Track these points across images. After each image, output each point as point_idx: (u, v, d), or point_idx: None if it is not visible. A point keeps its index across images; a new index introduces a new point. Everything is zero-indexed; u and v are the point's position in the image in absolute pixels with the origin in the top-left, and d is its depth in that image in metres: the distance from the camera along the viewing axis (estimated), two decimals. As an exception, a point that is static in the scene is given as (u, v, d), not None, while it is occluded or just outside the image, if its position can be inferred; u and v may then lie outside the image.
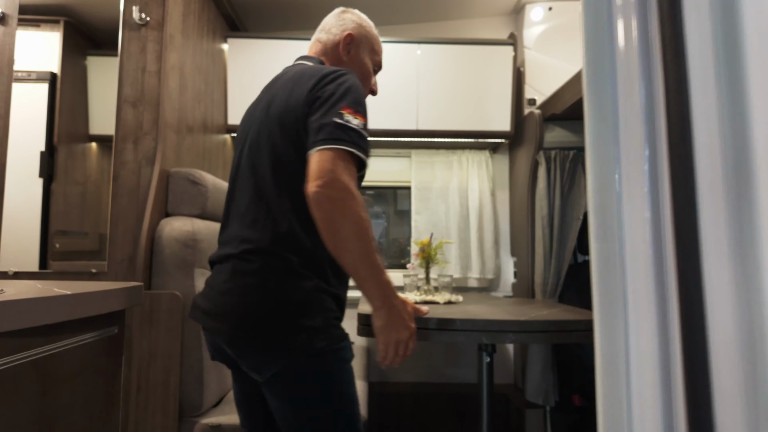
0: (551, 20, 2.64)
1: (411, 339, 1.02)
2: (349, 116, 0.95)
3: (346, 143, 0.92)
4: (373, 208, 2.91)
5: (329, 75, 1.02)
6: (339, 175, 0.90)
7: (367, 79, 1.20)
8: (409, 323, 1.02)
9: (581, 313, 1.61)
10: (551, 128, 2.28)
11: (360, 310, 1.58)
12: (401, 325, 1.00)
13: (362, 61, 1.19)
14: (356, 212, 0.91)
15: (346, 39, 1.18)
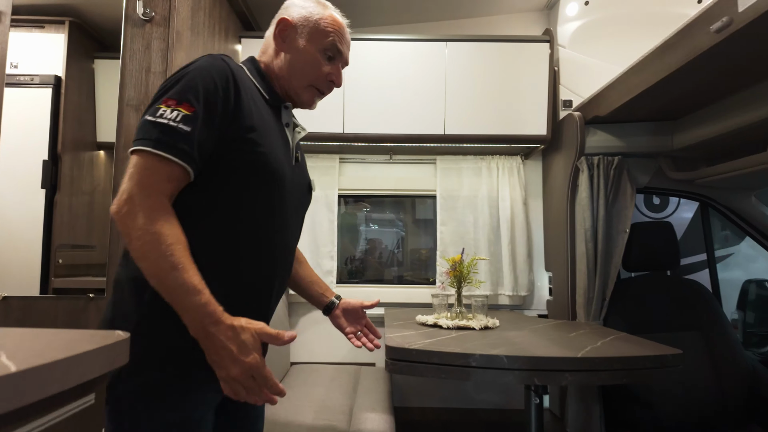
0: (588, 15, 2.43)
1: (250, 374, 0.78)
2: (165, 109, 0.80)
3: (143, 142, 0.78)
4: (385, 215, 2.73)
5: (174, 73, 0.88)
6: (126, 183, 0.77)
7: (312, 68, 1.00)
8: (239, 356, 0.76)
9: (645, 345, 1.41)
10: (593, 132, 2.08)
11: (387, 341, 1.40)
12: (226, 359, 0.76)
13: (302, 48, 0.99)
14: (138, 227, 0.75)
15: (278, 26, 1.01)
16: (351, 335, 1.25)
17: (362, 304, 1.26)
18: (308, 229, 2.42)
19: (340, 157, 2.48)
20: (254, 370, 0.77)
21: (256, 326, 0.79)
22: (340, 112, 2.19)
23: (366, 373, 2.25)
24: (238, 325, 0.77)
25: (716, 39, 1.20)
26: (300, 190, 1.04)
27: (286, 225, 0.97)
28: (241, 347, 0.76)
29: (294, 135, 1.04)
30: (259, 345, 0.79)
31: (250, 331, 0.78)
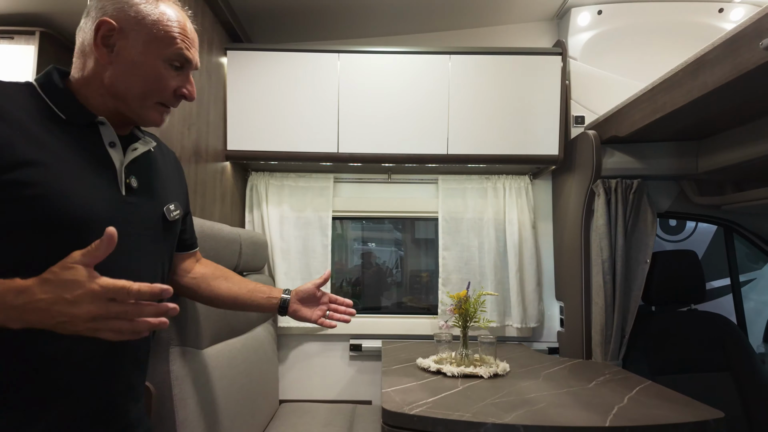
0: (600, 26, 2.27)
1: (104, 300, 0.63)
2: None
3: None
4: (383, 235, 2.55)
5: None
6: None
7: (155, 84, 0.81)
8: (74, 294, 0.62)
9: (679, 405, 1.22)
10: (610, 152, 1.91)
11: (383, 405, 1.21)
12: (66, 310, 0.62)
13: (137, 60, 0.78)
14: None
15: (97, 30, 0.77)
16: (321, 320, 1.15)
17: (314, 284, 1.16)
18: (300, 254, 2.24)
19: (334, 177, 2.31)
20: (103, 292, 0.62)
21: (66, 259, 0.63)
22: (334, 130, 2.01)
23: (362, 413, 2.06)
24: (47, 274, 0.63)
25: (766, 57, 1.03)
26: (144, 225, 0.84)
27: None
28: (67, 286, 0.62)
29: (127, 154, 0.83)
30: (84, 272, 0.63)
31: (63, 266, 0.63)
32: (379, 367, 2.24)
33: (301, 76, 2.00)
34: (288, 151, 2.02)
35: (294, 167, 2.20)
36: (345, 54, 1.99)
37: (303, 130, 2.02)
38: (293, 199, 2.27)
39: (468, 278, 2.20)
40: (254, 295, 1.12)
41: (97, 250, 0.63)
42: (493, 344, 1.67)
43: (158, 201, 0.89)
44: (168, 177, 0.95)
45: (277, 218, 2.24)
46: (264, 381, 1.83)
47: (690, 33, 2.22)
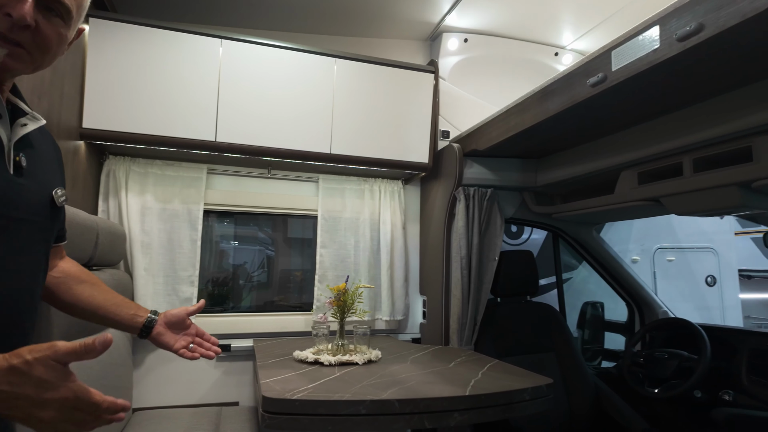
0: (466, 52, 2.58)
1: (71, 408, 0.60)
2: None
3: None
4: (255, 232, 2.51)
5: None
6: None
7: None
8: (43, 396, 0.58)
9: (520, 376, 1.46)
10: (470, 164, 2.18)
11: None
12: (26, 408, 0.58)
13: None
14: None
15: None
16: (182, 350, 1.03)
17: (186, 311, 1.05)
18: (164, 248, 2.07)
19: (208, 168, 2.19)
20: (74, 401, 0.59)
21: (45, 351, 0.58)
22: (212, 117, 1.93)
23: (229, 415, 1.98)
24: (19, 363, 0.56)
25: (592, 92, 1.32)
26: (32, 211, 0.75)
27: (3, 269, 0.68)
28: (39, 385, 0.57)
29: (15, 130, 0.73)
30: (61, 372, 0.59)
31: (41, 362, 0.57)
32: (248, 367, 2.18)
33: (178, 56, 1.88)
34: (156, 134, 1.86)
35: (162, 153, 2.04)
36: (229, 41, 1.93)
37: (176, 114, 1.89)
38: (159, 188, 2.09)
39: (344, 275, 2.28)
40: (119, 310, 0.99)
41: (86, 354, 0.58)
42: (367, 334, 1.76)
43: (46, 184, 0.77)
44: (51, 158, 0.83)
45: (138, 208, 2.03)
46: (117, 387, 1.65)
47: (533, 69, 2.66)
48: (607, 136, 1.76)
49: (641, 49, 1.15)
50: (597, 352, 2.71)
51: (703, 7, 1.00)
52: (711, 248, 3.57)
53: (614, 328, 2.73)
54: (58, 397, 0.58)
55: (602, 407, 2.04)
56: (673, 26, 1.07)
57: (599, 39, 2.54)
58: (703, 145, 1.44)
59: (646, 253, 3.41)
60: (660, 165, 1.60)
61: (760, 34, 0.98)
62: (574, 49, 2.69)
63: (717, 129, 1.36)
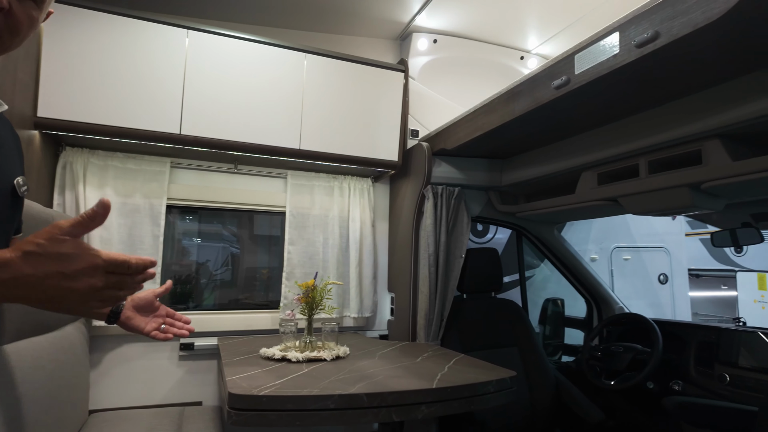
0: (435, 53, 2.62)
1: (109, 273, 0.61)
2: None
3: None
4: (220, 229, 2.47)
5: None
6: None
7: None
8: (76, 268, 0.58)
9: (485, 369, 1.50)
10: (438, 163, 2.21)
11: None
12: (63, 286, 0.58)
13: None
14: None
15: None
16: (155, 332, 1.02)
17: (154, 292, 1.04)
18: (124, 244, 1.99)
19: (172, 162, 2.13)
20: (104, 265, 0.59)
21: (48, 231, 0.58)
22: (177, 110, 1.87)
23: (192, 414, 1.93)
24: (30, 248, 0.56)
25: (555, 94, 1.37)
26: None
27: None
28: (62, 259, 0.57)
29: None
30: (77, 243, 0.59)
31: (51, 240, 0.57)
32: (212, 366, 2.13)
33: (142, 46, 1.81)
34: (117, 126, 1.80)
35: (123, 146, 1.96)
36: (196, 32, 1.88)
37: (139, 105, 1.82)
38: (119, 182, 2.01)
39: (312, 272, 2.26)
40: None
41: (90, 222, 0.58)
42: (335, 331, 1.76)
43: (6, 173, 0.74)
44: (10, 146, 0.79)
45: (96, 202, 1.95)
46: (73, 387, 1.58)
47: (499, 72, 2.73)
48: (569, 137, 1.83)
49: (602, 54, 1.21)
50: (558, 346, 2.81)
51: (659, 15, 1.06)
52: (664, 248, 3.76)
53: (574, 323, 2.83)
54: (86, 265, 0.58)
55: (562, 399, 2.12)
56: (632, 33, 1.12)
57: (563, 44, 2.63)
58: (658, 147, 1.52)
59: (604, 252, 3.55)
60: (618, 166, 1.68)
61: (711, 43, 1.05)
62: (539, 53, 2.77)
63: (670, 133, 1.44)
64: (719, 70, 1.21)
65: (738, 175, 1.31)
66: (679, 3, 1.00)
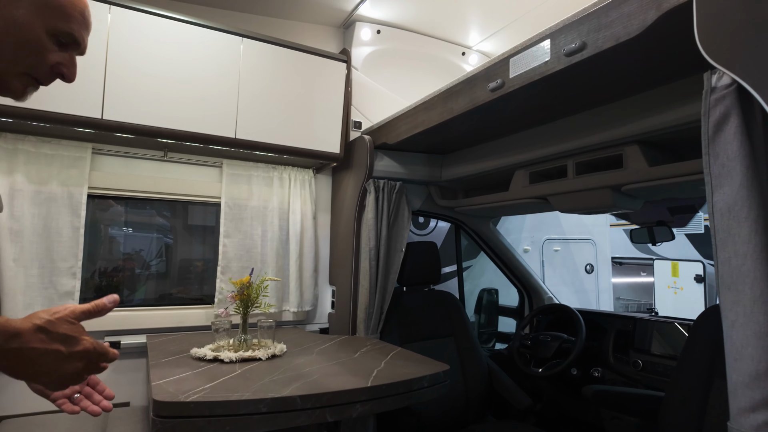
0: (378, 44, 2.59)
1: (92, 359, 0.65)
2: None
3: None
4: (149, 218, 2.33)
5: None
6: None
7: (32, 53, 0.70)
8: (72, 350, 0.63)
9: (420, 363, 1.53)
10: (380, 156, 2.20)
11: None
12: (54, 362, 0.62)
13: (20, 20, 0.67)
14: None
15: None
16: (62, 400, 0.79)
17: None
18: (39, 236, 1.83)
19: (93, 147, 1.96)
20: (93, 351, 0.67)
21: (64, 311, 0.66)
22: (99, 92, 1.72)
23: (118, 416, 1.83)
24: (43, 323, 0.62)
25: (491, 96, 1.40)
26: None
27: None
28: (65, 341, 0.64)
29: None
30: (79, 328, 0.67)
31: (63, 320, 0.65)
32: (140, 365, 2.03)
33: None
34: (27, 108, 1.62)
35: (35, 129, 1.79)
36: (119, 8, 1.73)
37: (52, 85, 1.65)
38: (32, 168, 1.84)
39: (249, 266, 2.19)
40: None
41: (98, 312, 0.68)
42: (271, 328, 1.73)
43: None
44: None
45: (4, 190, 1.77)
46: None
47: (441, 66, 2.76)
48: (504, 137, 1.88)
49: (534, 59, 1.24)
50: (492, 334, 2.94)
51: (586, 27, 1.10)
52: (590, 239, 4.02)
53: (507, 312, 2.97)
54: (82, 349, 0.65)
55: (494, 387, 2.22)
56: (562, 42, 1.16)
57: (503, 42, 2.70)
58: (584, 150, 1.60)
59: (536, 244, 3.74)
60: (549, 166, 1.75)
61: (631, 56, 1.11)
62: (480, 50, 2.82)
63: (596, 137, 1.52)
64: (640, 81, 1.29)
65: (654, 179, 1.42)
66: (604, 17, 1.05)
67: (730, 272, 0.81)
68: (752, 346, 0.78)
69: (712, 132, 0.83)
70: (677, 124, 1.28)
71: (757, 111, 0.79)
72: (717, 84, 0.83)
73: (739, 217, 0.79)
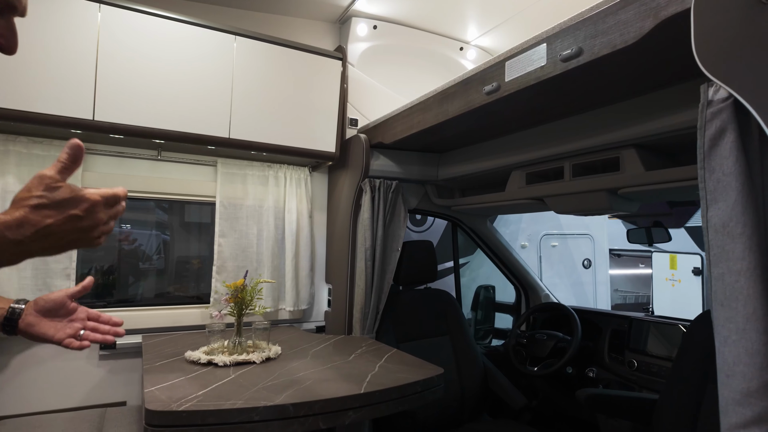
0: (375, 40, 2.55)
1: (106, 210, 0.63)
2: None
3: None
4: (145, 216, 2.32)
5: None
6: None
7: None
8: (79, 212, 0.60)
9: (414, 367, 1.53)
10: (376, 156, 2.18)
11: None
12: (73, 230, 0.60)
13: None
14: None
15: None
16: (68, 340, 0.84)
17: (66, 293, 0.86)
18: (32, 238, 1.81)
19: (86, 147, 1.93)
20: (104, 200, 0.62)
21: (39, 181, 0.58)
22: (90, 93, 1.70)
23: (115, 416, 1.84)
24: (37, 202, 0.57)
25: (486, 99, 1.38)
26: None
27: None
28: (71, 204, 0.59)
29: None
30: (71, 188, 0.60)
31: (46, 187, 0.58)
32: (137, 364, 2.03)
33: (46, 19, 1.62)
34: (16, 109, 1.61)
35: (26, 129, 1.77)
36: (110, 6, 1.70)
37: (42, 86, 1.64)
38: (24, 169, 1.82)
39: (245, 265, 2.19)
40: None
41: (72, 164, 0.59)
42: (267, 329, 1.72)
43: None
44: None
45: (-4, 192, 1.76)
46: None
47: (439, 62, 2.72)
48: (501, 137, 1.87)
49: (530, 64, 1.22)
50: (488, 330, 2.95)
51: (582, 32, 1.08)
52: (588, 234, 4.01)
53: (504, 309, 2.97)
54: (90, 204, 0.60)
55: (489, 385, 2.23)
56: (558, 47, 1.14)
57: (502, 37, 2.66)
58: (581, 152, 1.58)
59: (534, 240, 3.74)
60: (545, 168, 1.74)
61: (627, 64, 1.09)
62: (478, 45, 2.79)
63: (593, 139, 1.50)
64: (636, 86, 1.27)
65: (650, 183, 1.40)
66: (601, 23, 1.03)
67: (723, 289, 0.80)
68: (744, 363, 0.77)
69: (708, 147, 0.81)
70: (674, 129, 1.27)
71: (753, 126, 0.77)
72: (713, 97, 0.81)
73: (733, 234, 0.78)
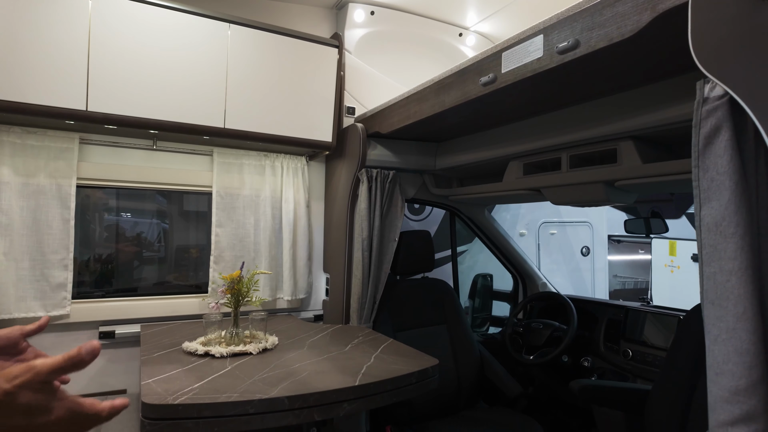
0: (373, 26, 2.51)
1: None
2: None
3: None
4: (143, 204, 2.32)
5: None
6: None
7: None
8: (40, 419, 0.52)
9: (409, 358, 1.54)
10: (373, 145, 2.17)
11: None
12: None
13: None
14: None
15: None
16: None
17: (22, 330, 0.73)
18: (28, 229, 1.82)
19: (81, 137, 1.93)
20: (69, 419, 0.53)
21: (25, 375, 0.50)
22: (82, 83, 1.68)
23: (114, 406, 1.86)
24: (5, 387, 0.49)
25: (483, 90, 1.36)
26: None
27: None
28: (28, 413, 0.50)
29: None
30: (49, 392, 0.52)
31: (25, 387, 0.50)
32: (136, 353, 2.05)
33: (34, 7, 1.59)
34: (7, 100, 1.59)
35: (19, 119, 1.75)
36: (99, -6, 1.67)
37: (34, 76, 1.62)
38: (18, 160, 1.81)
39: (242, 255, 2.19)
40: None
41: (74, 367, 0.51)
42: (264, 319, 1.73)
43: None
44: None
45: (-9, 184, 1.76)
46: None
47: (438, 48, 2.68)
48: (498, 127, 1.85)
49: (527, 55, 1.20)
50: (485, 318, 2.96)
51: (579, 24, 1.06)
52: (587, 222, 4.01)
53: (501, 297, 2.99)
54: (52, 419, 0.52)
55: (485, 374, 2.25)
56: (555, 38, 1.12)
57: (502, 23, 2.61)
58: (579, 143, 1.57)
59: (532, 228, 3.73)
60: (543, 158, 1.73)
61: (623, 57, 1.07)
62: (478, 30, 2.74)
63: (591, 131, 1.49)
64: (634, 78, 1.25)
65: (647, 176, 1.39)
66: (598, 15, 1.01)
67: (714, 288, 0.80)
68: (733, 362, 0.78)
69: (703, 145, 0.80)
70: (672, 121, 1.25)
71: (748, 125, 0.76)
72: (709, 94, 0.80)
73: (726, 233, 0.78)
